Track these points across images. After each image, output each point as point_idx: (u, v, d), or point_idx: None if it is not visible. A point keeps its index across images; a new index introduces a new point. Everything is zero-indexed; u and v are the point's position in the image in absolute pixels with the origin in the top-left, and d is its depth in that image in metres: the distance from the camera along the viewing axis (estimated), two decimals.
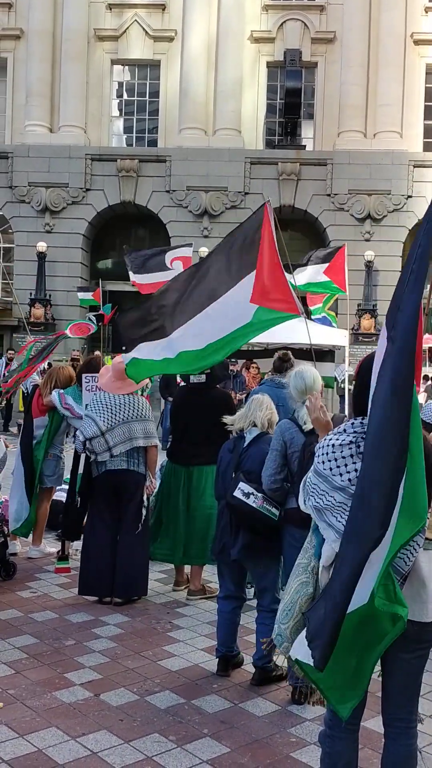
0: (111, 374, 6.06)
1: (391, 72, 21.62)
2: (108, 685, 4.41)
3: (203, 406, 6.08)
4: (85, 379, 6.57)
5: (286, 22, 22.74)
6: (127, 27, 22.90)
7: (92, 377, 6.51)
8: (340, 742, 2.91)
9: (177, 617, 5.63)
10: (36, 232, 21.78)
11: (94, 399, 6.05)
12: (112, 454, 5.85)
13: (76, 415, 6.62)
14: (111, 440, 5.84)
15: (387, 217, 21.49)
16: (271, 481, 4.30)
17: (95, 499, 5.98)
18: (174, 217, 21.98)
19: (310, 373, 4.40)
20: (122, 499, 5.94)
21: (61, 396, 6.72)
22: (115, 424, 5.86)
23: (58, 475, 7.14)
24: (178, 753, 3.68)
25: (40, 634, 5.16)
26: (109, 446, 5.84)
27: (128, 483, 5.91)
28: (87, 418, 5.98)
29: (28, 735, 3.79)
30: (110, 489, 5.93)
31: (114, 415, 5.88)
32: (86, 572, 5.89)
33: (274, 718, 4.10)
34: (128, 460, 5.92)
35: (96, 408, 5.94)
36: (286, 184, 21.84)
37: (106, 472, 5.90)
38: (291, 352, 7.70)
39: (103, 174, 22.17)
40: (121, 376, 5.99)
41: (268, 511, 4.34)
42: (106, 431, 5.83)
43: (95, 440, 5.82)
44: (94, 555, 5.87)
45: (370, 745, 3.75)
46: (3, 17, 23.31)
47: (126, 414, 5.90)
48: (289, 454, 4.28)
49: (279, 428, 4.37)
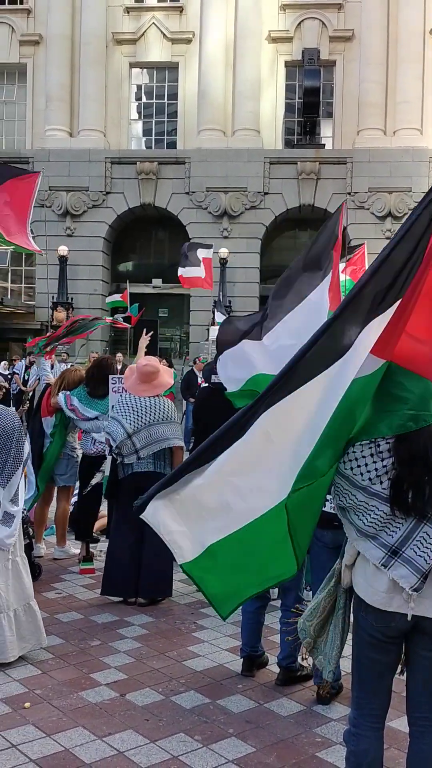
0: (136, 376, 6.08)
1: (410, 68, 21.49)
2: (133, 685, 4.44)
3: (225, 406, 6.07)
4: (112, 381, 6.60)
5: (303, 21, 22.70)
6: (145, 30, 22.99)
7: (119, 378, 6.54)
8: (365, 740, 2.90)
9: (201, 618, 5.65)
10: (57, 236, 21.93)
11: (120, 401, 6.07)
12: (139, 456, 5.88)
13: (80, 417, 6.65)
14: (138, 442, 5.86)
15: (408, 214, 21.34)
16: None
17: (120, 500, 6.01)
18: (194, 219, 22.02)
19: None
20: None
21: (66, 398, 6.75)
22: (141, 427, 5.88)
23: (71, 474, 7.18)
24: (204, 752, 3.69)
25: (66, 635, 5.20)
26: (136, 448, 5.86)
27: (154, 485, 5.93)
28: (113, 420, 6.00)
29: (55, 734, 3.82)
30: (136, 491, 5.94)
31: (140, 417, 5.89)
32: (110, 573, 5.93)
33: (300, 717, 4.10)
34: (155, 462, 5.94)
35: (122, 410, 5.96)
36: (306, 184, 21.80)
37: (132, 474, 5.92)
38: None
39: (123, 177, 22.27)
40: (146, 379, 6.02)
41: None
42: (133, 433, 5.85)
43: (122, 443, 5.84)
44: (118, 556, 5.90)
45: (396, 744, 3.73)
46: (22, 23, 23.50)
47: (152, 416, 5.92)
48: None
49: None
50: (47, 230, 22.28)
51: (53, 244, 21.93)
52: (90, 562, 6.71)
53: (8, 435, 4.61)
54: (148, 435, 5.88)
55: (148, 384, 6.03)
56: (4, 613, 4.60)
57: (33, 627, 4.78)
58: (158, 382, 6.11)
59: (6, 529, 4.62)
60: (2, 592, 4.60)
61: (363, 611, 2.82)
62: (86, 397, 6.75)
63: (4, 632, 4.59)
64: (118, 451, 5.86)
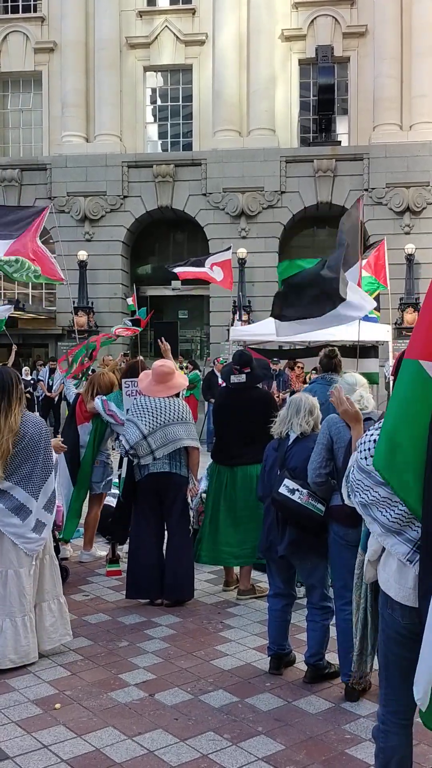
0: (151, 378, 6.12)
1: (426, 62, 21.32)
2: (162, 685, 4.47)
3: (244, 406, 6.11)
4: (125, 384, 6.63)
5: (316, 19, 22.62)
6: (158, 33, 23.05)
7: (132, 382, 6.57)
8: (394, 737, 2.90)
9: (228, 617, 5.67)
10: (76, 241, 22.04)
11: (136, 403, 6.11)
12: (154, 457, 5.91)
13: (119, 422, 6.66)
14: (153, 443, 5.89)
15: (426, 209, 21.20)
16: (315, 475, 4.30)
17: (139, 502, 6.04)
18: (211, 220, 22.04)
19: (351, 378, 4.54)
20: (165, 502, 5.99)
21: (104, 403, 6.77)
22: (156, 427, 5.91)
23: (106, 482, 7.22)
24: (233, 751, 3.71)
25: (95, 636, 5.25)
26: (152, 449, 5.89)
27: (171, 485, 5.96)
28: (128, 422, 6.04)
29: (86, 735, 3.86)
30: (153, 492, 5.98)
31: (155, 418, 5.92)
32: (133, 575, 5.96)
33: (328, 715, 4.11)
34: (171, 462, 5.97)
35: (137, 412, 6.00)
36: (323, 181, 21.73)
37: (148, 475, 5.95)
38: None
39: (140, 180, 22.35)
40: (161, 379, 6.05)
41: (314, 507, 4.35)
42: (148, 434, 5.88)
43: (138, 444, 5.88)
44: (140, 558, 5.93)
45: (426, 740, 3.73)
46: (36, 31, 23.67)
47: (167, 417, 5.94)
48: (335, 449, 4.27)
49: (326, 422, 4.37)
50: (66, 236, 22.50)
51: (72, 249, 22.07)
52: (116, 564, 6.75)
53: (35, 442, 4.66)
54: (163, 435, 5.91)
55: (163, 385, 6.06)
56: (27, 615, 4.66)
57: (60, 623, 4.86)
58: (173, 383, 6.14)
59: (36, 536, 4.68)
60: (28, 595, 4.67)
61: (389, 608, 2.81)
62: (121, 402, 6.77)
63: (28, 635, 4.65)
64: (133, 452, 5.89)
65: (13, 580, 4.63)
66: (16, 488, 4.62)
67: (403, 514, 2.67)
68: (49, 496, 4.76)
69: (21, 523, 4.62)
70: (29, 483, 4.65)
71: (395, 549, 2.71)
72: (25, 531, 4.63)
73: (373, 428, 2.80)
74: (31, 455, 4.65)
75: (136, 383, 6.50)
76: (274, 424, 4.81)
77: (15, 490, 4.62)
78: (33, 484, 4.66)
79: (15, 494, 4.62)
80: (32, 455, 4.65)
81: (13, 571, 4.64)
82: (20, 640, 4.63)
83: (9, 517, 4.61)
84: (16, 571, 4.65)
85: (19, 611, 4.63)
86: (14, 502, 4.62)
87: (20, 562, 4.66)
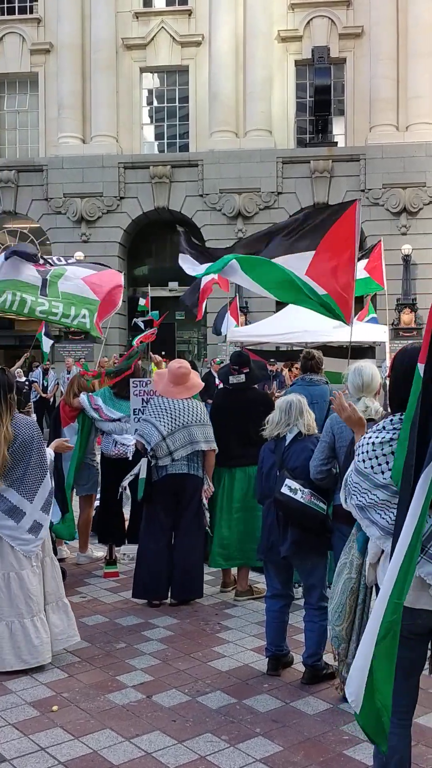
0: (168, 379, 6.10)
1: (422, 63, 21.38)
2: (160, 686, 4.45)
3: (243, 407, 6.10)
4: (133, 384, 6.61)
5: (312, 20, 22.66)
6: (155, 34, 23.06)
7: (140, 382, 6.55)
8: (392, 737, 2.89)
9: (225, 618, 5.65)
10: (73, 243, 22.05)
11: (153, 403, 6.09)
12: (173, 458, 5.90)
13: (104, 418, 6.65)
14: (172, 445, 5.88)
15: (423, 209, 21.25)
16: (316, 471, 4.30)
17: (153, 502, 6.02)
18: (208, 221, 22.05)
19: (369, 370, 4.28)
20: (181, 503, 5.98)
21: (90, 398, 6.76)
22: (175, 429, 5.89)
23: (93, 482, 7.20)
24: (231, 752, 3.70)
25: (92, 638, 5.23)
26: (170, 450, 5.88)
27: (188, 487, 5.96)
28: (145, 422, 6.02)
29: (83, 737, 3.85)
30: (170, 493, 5.96)
31: (174, 419, 5.91)
32: (141, 575, 5.94)
33: (326, 716, 4.10)
34: (188, 464, 5.96)
35: (156, 413, 5.97)
36: (319, 182, 21.75)
37: (167, 476, 5.93)
38: (330, 350, 7.70)
39: (137, 181, 22.35)
40: (179, 381, 6.03)
41: (316, 506, 4.37)
42: (167, 436, 5.88)
43: (157, 445, 5.87)
44: (150, 558, 5.92)
45: (424, 741, 3.72)
46: (32, 32, 23.67)
47: (186, 419, 5.93)
48: (338, 447, 4.28)
49: (330, 421, 4.37)
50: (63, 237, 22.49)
51: (69, 250, 22.07)
52: (114, 565, 6.74)
53: (27, 444, 4.64)
54: (182, 437, 5.90)
55: (181, 386, 6.05)
56: (37, 616, 4.65)
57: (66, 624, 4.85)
58: (191, 383, 6.13)
59: (32, 537, 4.67)
60: (34, 596, 4.65)
61: None
62: (111, 398, 6.76)
63: (40, 635, 4.64)
64: (152, 453, 5.88)
65: (16, 582, 4.62)
66: (8, 490, 4.61)
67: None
68: (46, 497, 4.74)
69: (15, 525, 4.61)
70: (22, 485, 4.63)
71: None
72: (19, 533, 4.62)
73: (371, 431, 2.79)
74: (23, 457, 4.63)
75: (144, 383, 6.49)
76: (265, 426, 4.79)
77: (8, 492, 4.61)
78: (26, 485, 4.65)
79: (8, 496, 4.61)
80: (24, 457, 4.63)
81: (15, 573, 4.63)
82: (32, 641, 4.61)
83: (3, 520, 4.60)
84: (18, 573, 4.63)
85: (27, 613, 4.62)
86: (7, 504, 4.61)
87: (21, 565, 4.65)
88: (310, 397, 5.24)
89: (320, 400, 6.12)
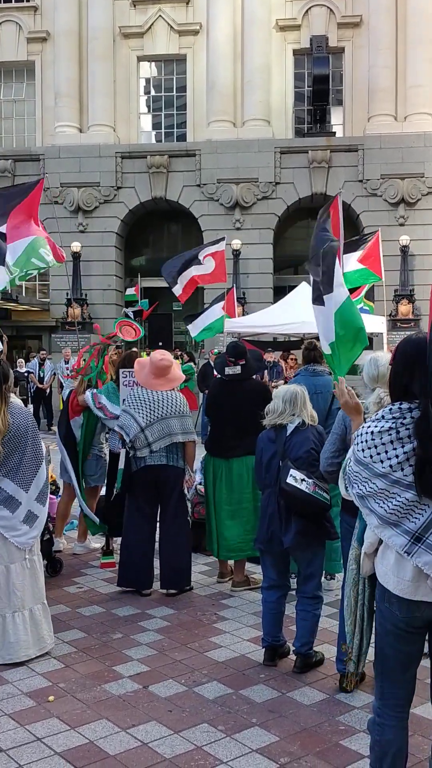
0: (149, 370, 6.07)
1: (421, 52, 21.23)
2: (156, 677, 4.46)
3: (239, 397, 6.08)
4: (123, 374, 6.59)
5: (311, 9, 22.50)
6: (152, 23, 22.89)
7: (129, 372, 6.53)
8: (390, 730, 2.89)
9: (222, 609, 5.66)
10: (70, 233, 21.91)
11: (132, 395, 6.08)
12: (151, 449, 5.89)
13: (109, 415, 6.62)
14: (150, 436, 5.87)
15: (421, 200, 21.17)
16: (327, 464, 4.29)
17: (134, 493, 6.02)
18: (205, 211, 21.96)
19: (385, 360, 4.18)
20: (162, 494, 5.98)
21: (94, 396, 6.74)
22: (153, 420, 5.89)
23: (100, 474, 7.19)
24: (228, 742, 3.70)
25: (88, 629, 5.23)
26: (149, 442, 5.88)
27: (168, 478, 5.95)
28: (125, 414, 6.01)
29: (79, 727, 3.85)
30: (150, 484, 5.97)
31: (152, 411, 5.90)
32: (125, 566, 5.96)
33: (323, 706, 4.10)
34: (167, 455, 5.95)
35: (134, 404, 5.97)
36: (317, 172, 21.65)
37: (145, 467, 5.93)
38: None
39: (134, 171, 22.24)
40: (161, 373, 6.01)
41: (321, 496, 4.41)
42: (146, 427, 5.86)
43: (135, 436, 5.86)
44: (133, 548, 5.93)
45: (420, 731, 3.73)
46: (29, 21, 23.49)
47: (164, 410, 5.92)
48: (349, 439, 4.26)
49: (341, 412, 4.35)
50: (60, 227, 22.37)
51: (66, 240, 21.94)
52: (111, 555, 6.74)
53: (22, 434, 4.61)
54: (160, 429, 5.89)
55: (162, 378, 6.03)
56: (19, 612, 4.61)
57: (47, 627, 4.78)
58: (172, 375, 6.11)
59: (27, 527, 4.64)
60: (18, 591, 4.61)
61: (386, 601, 2.79)
62: (115, 393, 6.73)
63: (18, 631, 4.59)
64: (131, 445, 5.88)
65: (4, 575, 4.58)
66: (4, 480, 4.57)
67: (401, 505, 2.65)
68: (41, 488, 4.71)
69: (10, 515, 4.57)
70: (17, 474, 4.60)
71: (392, 541, 2.69)
72: (15, 523, 4.58)
73: (370, 420, 2.78)
74: (18, 446, 4.59)
75: (133, 373, 6.47)
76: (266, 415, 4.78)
77: (3, 482, 4.57)
78: (22, 475, 4.61)
79: (3, 486, 4.57)
80: (19, 446, 4.60)
81: (4, 566, 4.58)
82: (9, 637, 4.57)
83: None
84: (6, 566, 4.59)
85: (7, 607, 4.58)
86: (2, 494, 4.57)
87: (11, 558, 4.60)
88: (315, 387, 5.24)
89: (324, 390, 6.11)
